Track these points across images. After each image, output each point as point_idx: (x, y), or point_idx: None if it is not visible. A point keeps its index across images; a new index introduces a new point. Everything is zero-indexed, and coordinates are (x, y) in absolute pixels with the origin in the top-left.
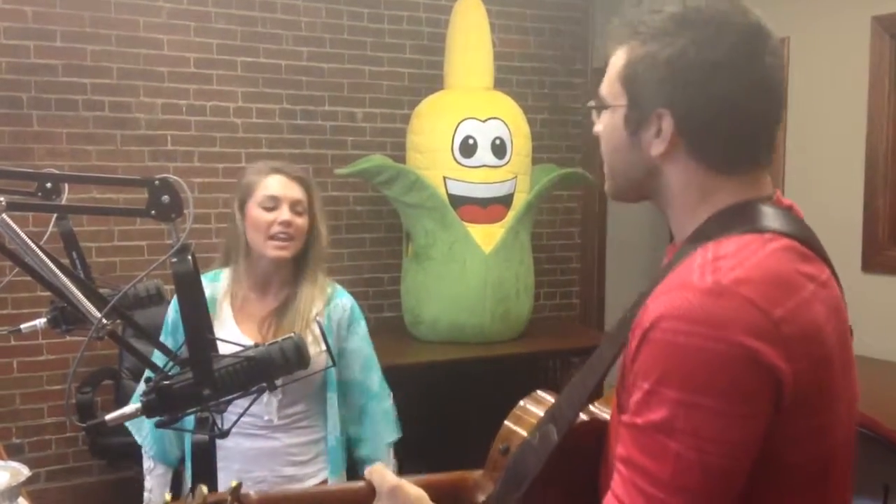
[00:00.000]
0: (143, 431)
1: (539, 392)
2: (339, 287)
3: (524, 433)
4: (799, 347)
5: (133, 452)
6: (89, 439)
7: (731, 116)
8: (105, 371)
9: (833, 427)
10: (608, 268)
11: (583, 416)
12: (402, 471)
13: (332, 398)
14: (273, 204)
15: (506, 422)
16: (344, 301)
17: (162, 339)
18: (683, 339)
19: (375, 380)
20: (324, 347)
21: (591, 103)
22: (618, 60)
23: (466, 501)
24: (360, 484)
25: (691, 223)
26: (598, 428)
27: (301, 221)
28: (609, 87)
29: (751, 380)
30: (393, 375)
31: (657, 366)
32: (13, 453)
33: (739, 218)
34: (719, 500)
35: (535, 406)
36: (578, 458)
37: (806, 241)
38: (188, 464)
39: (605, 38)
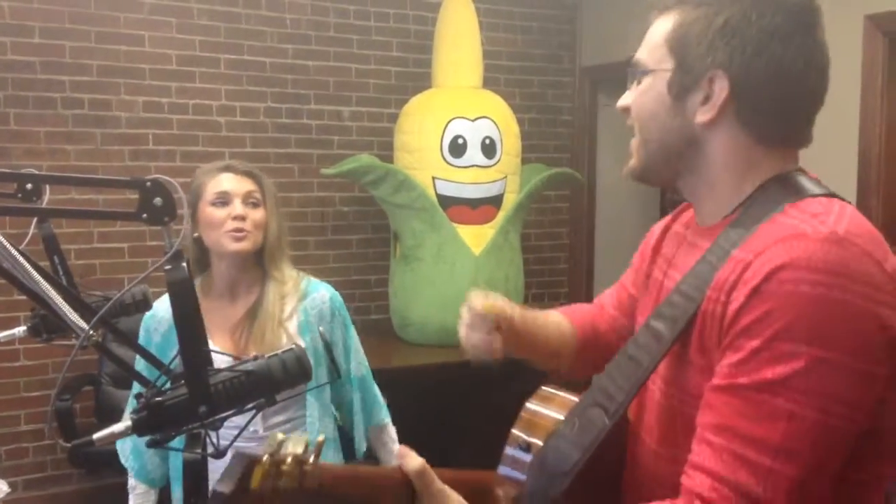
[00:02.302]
0: (126, 450)
1: (545, 388)
2: (313, 279)
3: (547, 427)
4: None
5: (112, 460)
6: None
7: (784, 86)
8: (85, 377)
9: None
10: (596, 268)
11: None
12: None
13: (311, 400)
14: (224, 199)
15: (516, 425)
16: (321, 293)
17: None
18: (808, 289)
19: (362, 369)
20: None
21: (629, 69)
22: (662, 26)
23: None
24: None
25: (733, 198)
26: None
27: (257, 214)
28: (651, 52)
29: (876, 336)
30: (380, 379)
31: (776, 319)
32: None
33: (793, 188)
34: (830, 467)
35: (545, 404)
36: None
37: None
38: (176, 483)
39: (647, 7)
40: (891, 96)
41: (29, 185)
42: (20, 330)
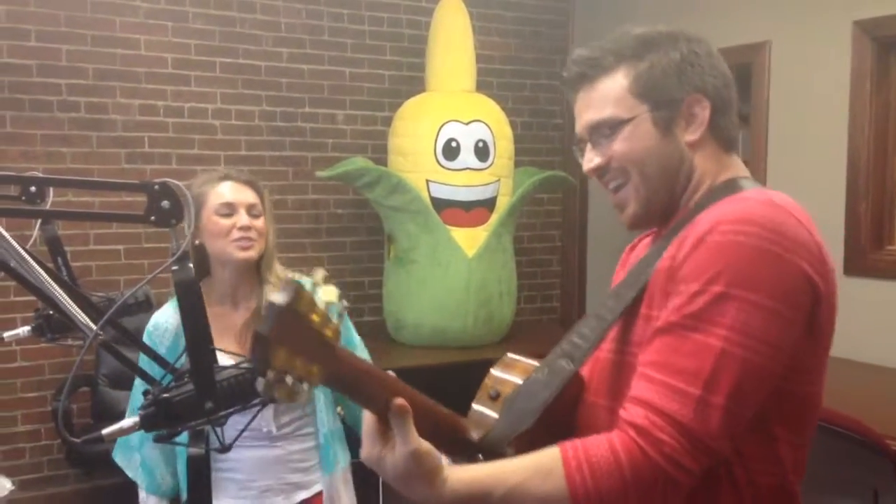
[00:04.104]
0: (135, 464)
1: (509, 355)
2: (305, 277)
3: (516, 380)
4: (830, 279)
5: (109, 460)
6: (66, 447)
7: (730, 93)
8: (81, 378)
9: (824, 370)
10: (589, 270)
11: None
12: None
13: (320, 396)
14: (229, 210)
15: (487, 378)
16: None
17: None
18: (744, 239)
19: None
20: None
21: (591, 133)
22: (615, 83)
23: (460, 438)
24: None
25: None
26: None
27: (260, 223)
28: (617, 106)
29: (802, 288)
30: None
31: (713, 264)
32: None
33: (747, 184)
34: (752, 401)
35: (508, 370)
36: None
37: None
38: (183, 477)
39: (574, 82)
40: (879, 101)
41: (33, 188)
42: (24, 330)
